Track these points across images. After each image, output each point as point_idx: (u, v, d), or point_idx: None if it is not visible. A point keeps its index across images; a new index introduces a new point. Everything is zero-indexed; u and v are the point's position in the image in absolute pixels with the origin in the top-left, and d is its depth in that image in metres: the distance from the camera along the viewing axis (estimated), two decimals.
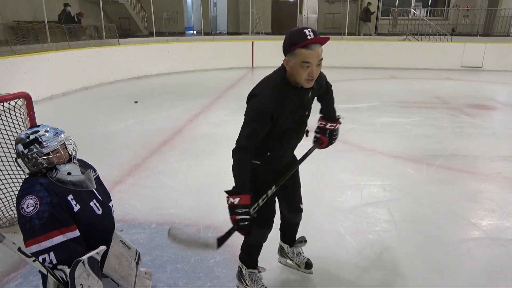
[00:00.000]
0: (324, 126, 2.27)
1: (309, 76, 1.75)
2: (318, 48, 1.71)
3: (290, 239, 2.49)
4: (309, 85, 1.80)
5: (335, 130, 2.28)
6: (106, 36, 10.60)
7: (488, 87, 9.63)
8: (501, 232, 3.00)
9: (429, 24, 13.17)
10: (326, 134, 2.27)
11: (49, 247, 1.57)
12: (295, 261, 2.49)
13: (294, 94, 1.86)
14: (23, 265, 2.49)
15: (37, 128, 1.74)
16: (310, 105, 2.01)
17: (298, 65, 1.73)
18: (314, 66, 1.73)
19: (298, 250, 2.51)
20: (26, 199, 1.58)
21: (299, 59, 1.71)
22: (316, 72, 1.75)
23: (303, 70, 1.73)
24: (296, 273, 2.49)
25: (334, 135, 2.29)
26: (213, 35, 15.43)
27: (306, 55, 1.69)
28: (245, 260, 2.30)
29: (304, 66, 1.72)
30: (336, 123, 2.28)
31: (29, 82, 7.03)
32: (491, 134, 5.56)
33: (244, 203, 1.81)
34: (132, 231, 2.95)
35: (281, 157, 2.08)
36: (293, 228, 2.47)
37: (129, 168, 4.18)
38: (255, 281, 2.27)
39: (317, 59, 1.72)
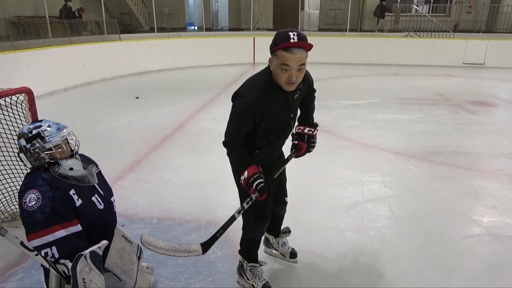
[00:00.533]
0: (302, 131, 2.22)
1: (288, 80, 1.74)
2: (300, 53, 1.68)
3: (275, 231, 2.55)
4: (290, 88, 1.79)
5: (313, 136, 2.23)
6: (107, 32, 10.57)
7: (490, 84, 9.60)
8: (502, 228, 3.00)
9: (431, 20, 13.11)
10: (304, 140, 2.22)
11: (51, 241, 1.58)
12: (280, 251, 2.55)
13: (279, 96, 1.85)
14: (25, 259, 2.50)
15: (39, 123, 1.74)
16: (296, 106, 2.01)
17: (278, 67, 1.73)
18: (294, 70, 1.71)
19: (283, 240, 2.57)
20: (29, 194, 1.59)
21: (279, 61, 1.71)
22: (295, 77, 1.73)
23: (282, 73, 1.72)
24: (297, 269, 2.50)
25: (312, 141, 2.23)
26: (215, 31, 15.38)
27: (286, 57, 1.68)
28: (245, 254, 2.32)
29: (284, 69, 1.71)
30: (315, 129, 2.23)
31: (30, 77, 7.03)
32: (493, 131, 5.55)
33: (253, 172, 1.90)
34: (134, 226, 2.96)
35: (269, 154, 2.12)
36: (278, 220, 2.51)
37: (131, 164, 4.19)
38: (256, 275, 2.28)
39: (297, 64, 1.69)
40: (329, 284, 2.37)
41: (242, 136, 1.91)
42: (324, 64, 10.78)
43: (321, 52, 10.52)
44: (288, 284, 2.37)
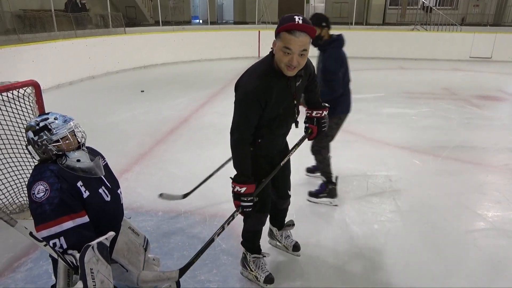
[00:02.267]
0: (310, 115, 2.29)
1: (289, 63, 1.72)
2: (303, 37, 1.68)
3: (279, 223, 2.57)
4: (290, 73, 1.78)
5: (322, 117, 2.28)
6: (113, 25, 10.58)
7: (497, 78, 9.50)
8: (507, 223, 2.99)
9: (438, 13, 12.96)
10: (314, 122, 2.28)
11: (59, 232, 1.60)
12: (283, 243, 2.58)
13: (281, 82, 1.85)
14: (33, 250, 2.54)
15: (46, 116, 1.76)
16: (299, 93, 2.00)
17: (280, 49, 1.73)
18: (296, 54, 1.70)
19: (286, 233, 2.59)
20: (37, 185, 1.61)
21: (282, 43, 1.71)
22: (297, 62, 1.72)
23: (284, 56, 1.72)
24: (301, 262, 2.51)
25: (323, 123, 2.29)
26: (219, 24, 15.33)
27: (288, 40, 1.68)
28: (248, 246, 2.35)
29: (286, 52, 1.70)
30: (323, 110, 2.28)
31: (36, 70, 7.06)
32: (500, 126, 5.51)
33: (250, 191, 1.92)
34: (140, 218, 2.99)
35: (272, 144, 2.11)
36: (282, 213, 2.54)
37: (136, 157, 4.22)
38: (259, 266, 2.30)
39: (299, 48, 1.69)
40: (333, 277, 2.39)
41: (251, 126, 1.88)
42: None
43: None
44: (292, 276, 2.39)
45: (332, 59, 2.96)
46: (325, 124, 2.30)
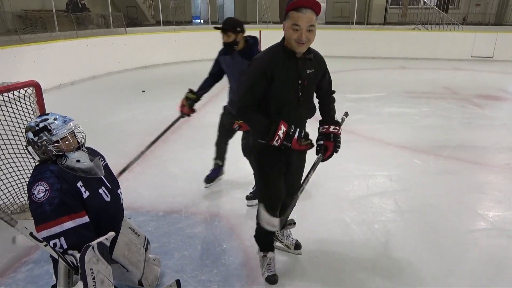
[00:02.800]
0: (327, 130, 2.14)
1: (299, 39, 1.82)
2: (309, 13, 1.79)
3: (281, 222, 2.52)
4: (300, 48, 1.86)
5: (338, 135, 2.15)
6: (114, 25, 10.58)
7: (498, 77, 9.48)
8: (508, 223, 2.99)
9: (439, 13, 12.94)
10: (330, 139, 2.12)
11: (59, 232, 1.60)
12: (284, 242, 2.57)
13: (290, 60, 1.92)
14: (34, 250, 2.55)
15: (46, 116, 1.76)
16: (309, 83, 2.01)
17: (289, 28, 1.83)
18: (304, 30, 1.80)
19: (287, 232, 2.59)
20: (37, 186, 1.62)
21: (290, 21, 1.82)
22: (306, 37, 1.82)
23: (293, 33, 1.82)
24: (302, 262, 2.51)
25: (338, 141, 2.15)
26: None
27: (296, 17, 1.79)
28: (257, 242, 2.39)
29: (295, 29, 1.81)
30: (339, 128, 2.17)
31: (37, 71, 7.07)
32: (501, 125, 5.50)
33: (285, 126, 1.95)
34: (140, 218, 2.99)
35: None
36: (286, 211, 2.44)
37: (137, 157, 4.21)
38: (265, 264, 2.32)
39: (306, 24, 1.79)
40: (334, 276, 2.39)
41: (254, 97, 1.95)
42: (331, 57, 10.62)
43: (327, 45, 10.43)
44: (293, 276, 2.39)
45: None
46: (339, 143, 2.14)
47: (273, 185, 2.16)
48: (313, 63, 2.00)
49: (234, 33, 2.88)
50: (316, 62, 2.02)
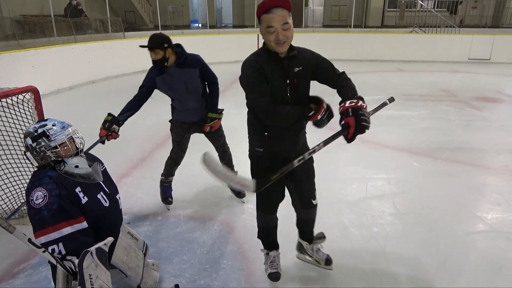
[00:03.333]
0: (343, 107, 1.82)
1: (276, 40, 1.79)
2: (280, 11, 1.76)
3: (307, 235, 2.45)
4: (281, 48, 1.83)
5: (359, 108, 1.78)
6: (112, 30, 10.62)
7: (496, 79, 9.52)
8: (507, 225, 2.99)
9: (436, 16, 13.00)
10: (349, 114, 1.78)
11: (57, 238, 1.60)
12: (314, 257, 2.44)
13: (275, 61, 1.90)
14: (33, 256, 2.54)
15: (45, 122, 1.77)
16: (299, 81, 1.94)
17: (265, 32, 1.82)
18: (279, 29, 1.77)
19: (317, 246, 2.45)
20: (36, 191, 1.62)
21: (264, 24, 1.80)
22: (283, 36, 1.78)
23: (270, 35, 1.80)
24: (300, 265, 2.51)
25: (361, 115, 1.76)
26: (219, 28, 15.38)
27: (268, 19, 1.77)
28: (261, 240, 2.40)
29: (270, 31, 1.79)
30: (358, 100, 1.82)
31: (36, 76, 7.09)
32: (499, 127, 5.52)
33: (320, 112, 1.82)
34: (139, 223, 2.99)
35: (280, 140, 2.03)
36: (308, 224, 2.41)
37: (136, 161, 4.22)
38: (268, 262, 2.34)
39: (279, 22, 1.76)
40: (332, 280, 2.38)
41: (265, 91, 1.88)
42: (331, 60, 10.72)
43: (325, 49, 10.47)
44: (291, 278, 2.39)
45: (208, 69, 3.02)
46: (364, 117, 1.76)
47: (265, 193, 2.07)
48: (300, 60, 1.95)
49: (162, 50, 2.78)
50: (303, 58, 1.97)
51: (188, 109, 3.04)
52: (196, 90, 2.98)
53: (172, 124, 3.19)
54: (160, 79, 2.92)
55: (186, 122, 3.10)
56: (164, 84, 2.93)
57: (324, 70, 2.02)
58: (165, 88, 2.97)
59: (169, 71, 2.87)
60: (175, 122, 3.16)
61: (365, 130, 1.77)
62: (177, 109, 3.11)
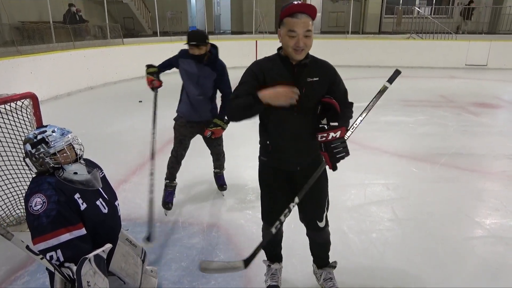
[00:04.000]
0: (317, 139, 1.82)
1: (296, 46, 1.74)
2: (305, 18, 1.72)
3: (317, 258, 2.32)
4: (298, 55, 1.78)
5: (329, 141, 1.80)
6: (111, 36, 10.65)
7: (493, 85, 9.58)
8: (505, 230, 2.99)
9: (433, 22, 13.10)
10: (322, 149, 1.84)
11: (56, 244, 1.59)
12: (321, 284, 2.30)
13: (286, 67, 1.84)
14: (30, 263, 2.52)
15: (44, 128, 1.77)
16: (310, 90, 1.83)
17: (285, 35, 1.76)
18: (301, 35, 1.73)
19: (328, 274, 2.28)
20: (34, 198, 1.61)
21: (286, 28, 1.74)
22: (303, 43, 1.74)
23: (290, 40, 1.75)
24: (299, 271, 2.50)
25: (333, 148, 1.81)
26: (217, 34, 15.44)
27: (291, 23, 1.72)
28: (265, 251, 2.33)
29: (291, 36, 1.74)
30: (329, 132, 1.80)
31: (34, 82, 7.09)
32: (496, 133, 5.54)
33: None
34: (138, 229, 2.98)
35: (282, 150, 1.96)
36: (316, 247, 2.28)
37: (134, 167, 4.22)
38: (268, 273, 2.32)
39: (303, 29, 1.72)
40: None
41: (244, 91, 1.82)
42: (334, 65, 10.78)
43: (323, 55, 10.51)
44: (289, 285, 2.38)
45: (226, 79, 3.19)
46: (336, 149, 1.81)
47: (267, 197, 2.10)
48: (318, 70, 1.87)
49: (205, 45, 2.98)
50: (321, 69, 1.89)
51: (192, 103, 3.17)
52: (205, 90, 3.11)
53: (177, 123, 3.33)
54: (184, 62, 3.13)
55: (190, 121, 3.21)
56: (187, 67, 3.11)
57: (338, 92, 1.96)
58: (182, 70, 3.17)
59: (195, 61, 3.05)
60: (180, 121, 3.30)
61: (344, 157, 1.85)
62: (183, 101, 3.27)
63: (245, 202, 3.45)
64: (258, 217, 3.17)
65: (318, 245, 2.27)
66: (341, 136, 1.84)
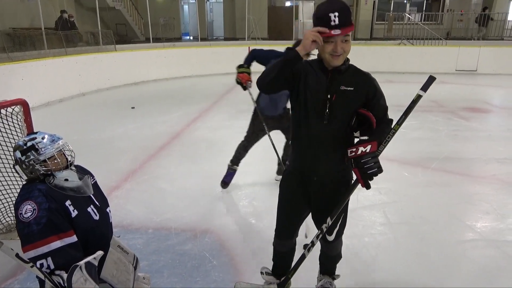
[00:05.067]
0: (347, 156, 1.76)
1: (333, 51, 1.65)
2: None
3: (322, 266, 2.30)
4: (335, 61, 1.68)
5: (359, 156, 1.71)
6: (103, 42, 10.62)
7: (483, 90, 9.71)
8: (496, 233, 3.02)
9: (423, 28, 13.28)
10: (352, 165, 1.74)
11: (46, 252, 1.58)
12: None
13: (322, 73, 1.75)
14: (20, 271, 2.49)
15: (34, 135, 1.75)
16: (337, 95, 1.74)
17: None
18: (339, 41, 1.63)
19: (327, 283, 2.25)
20: (25, 205, 1.59)
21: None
22: (341, 49, 1.65)
23: (327, 45, 1.64)
24: None
25: (364, 164, 1.70)
26: (210, 40, 15.48)
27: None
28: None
29: (329, 40, 1.63)
30: (358, 147, 1.72)
31: (26, 88, 7.03)
32: (486, 137, 5.61)
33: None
34: (129, 236, 2.96)
35: (302, 152, 1.88)
36: (324, 256, 2.25)
37: (127, 174, 4.19)
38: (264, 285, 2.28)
39: (341, 37, 1.63)
40: None
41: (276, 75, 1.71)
42: None
43: None
44: None
45: None
46: (367, 166, 1.70)
47: (283, 211, 2.05)
48: (355, 81, 1.77)
49: None
50: (359, 80, 1.79)
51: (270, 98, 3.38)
52: None
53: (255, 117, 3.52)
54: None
55: (267, 116, 3.43)
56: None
57: (377, 108, 1.85)
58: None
59: None
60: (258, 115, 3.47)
61: (377, 174, 1.73)
62: (262, 96, 3.45)
63: (238, 208, 3.44)
64: (251, 222, 3.19)
65: (325, 254, 2.24)
66: (372, 150, 1.72)
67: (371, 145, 1.73)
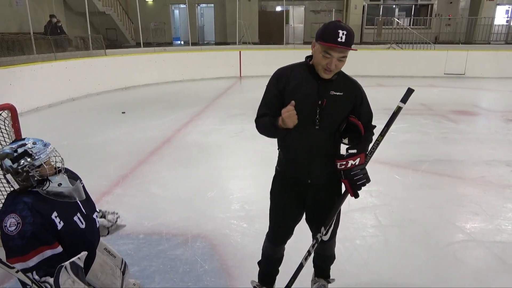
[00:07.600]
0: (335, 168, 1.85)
1: (327, 66, 1.71)
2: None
3: (316, 267, 2.33)
4: (326, 75, 1.74)
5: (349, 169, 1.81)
6: (93, 47, 10.56)
7: (471, 93, 9.85)
8: (485, 234, 3.06)
9: (412, 33, 13.45)
10: (342, 177, 1.85)
11: (31, 266, 1.55)
12: None
13: (312, 79, 1.79)
14: (8, 279, 2.45)
15: (22, 141, 1.70)
16: (328, 100, 1.78)
17: (319, 52, 1.71)
18: (335, 59, 1.69)
19: (321, 286, 2.28)
20: (9, 218, 1.56)
21: (323, 48, 1.70)
22: (335, 66, 1.70)
23: (323, 59, 1.71)
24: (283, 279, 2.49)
25: (353, 176, 1.81)
26: (201, 45, 15.49)
27: (330, 49, 1.68)
28: (259, 269, 2.26)
29: (325, 56, 1.70)
30: (347, 159, 1.82)
31: (14, 94, 6.94)
32: (475, 139, 5.68)
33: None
34: (120, 241, 2.93)
35: (292, 158, 1.92)
36: (318, 257, 2.28)
37: (117, 179, 4.16)
38: None
39: (339, 55, 1.70)
40: None
41: (267, 106, 1.84)
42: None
43: None
44: None
45: None
46: (356, 177, 1.81)
47: (277, 217, 2.05)
48: (344, 86, 1.83)
49: None
50: (347, 85, 1.85)
51: None
52: None
53: None
54: None
55: None
56: None
57: (363, 114, 1.93)
58: None
59: None
60: None
61: (365, 184, 1.84)
62: None
63: (230, 212, 3.43)
64: (243, 227, 3.18)
65: (320, 254, 2.26)
66: (361, 163, 1.84)
67: (359, 158, 1.83)
